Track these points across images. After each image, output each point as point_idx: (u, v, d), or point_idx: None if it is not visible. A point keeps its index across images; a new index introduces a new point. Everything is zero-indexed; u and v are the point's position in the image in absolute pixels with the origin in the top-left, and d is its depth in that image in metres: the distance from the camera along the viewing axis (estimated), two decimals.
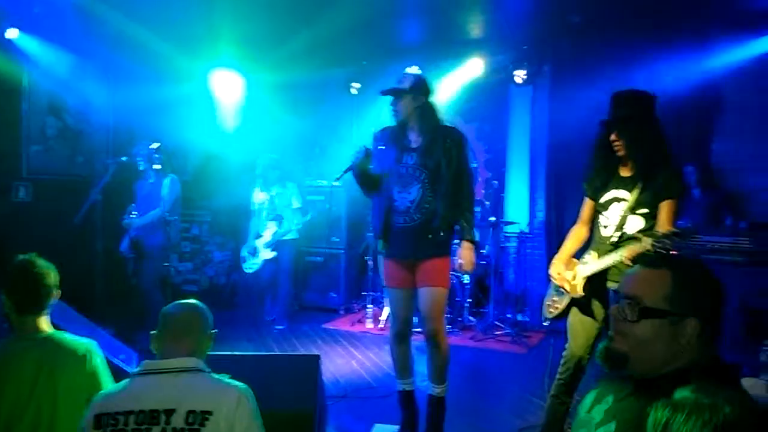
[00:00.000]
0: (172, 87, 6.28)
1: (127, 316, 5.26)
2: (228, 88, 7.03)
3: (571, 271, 2.97)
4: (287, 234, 6.01)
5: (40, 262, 2.20)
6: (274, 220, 6.01)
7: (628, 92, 2.85)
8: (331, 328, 6.20)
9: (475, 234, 3.43)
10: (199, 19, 5.43)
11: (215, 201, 7.21)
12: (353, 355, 5.22)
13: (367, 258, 6.47)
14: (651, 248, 2.49)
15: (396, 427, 3.52)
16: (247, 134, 7.04)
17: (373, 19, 5.50)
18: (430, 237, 3.23)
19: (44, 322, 2.17)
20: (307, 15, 5.33)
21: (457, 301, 5.97)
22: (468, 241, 3.30)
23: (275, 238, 5.99)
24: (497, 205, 6.81)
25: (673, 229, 2.47)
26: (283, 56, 6.31)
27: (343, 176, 3.28)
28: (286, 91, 7.03)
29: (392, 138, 3.33)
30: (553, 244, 5.98)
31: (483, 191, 7.11)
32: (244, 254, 6.19)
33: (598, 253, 2.89)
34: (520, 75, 6.39)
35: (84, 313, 3.41)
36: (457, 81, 6.68)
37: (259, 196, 6.10)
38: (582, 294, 2.90)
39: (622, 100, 2.82)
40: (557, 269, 3.02)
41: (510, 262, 6.55)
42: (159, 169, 5.22)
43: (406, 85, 3.22)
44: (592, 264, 2.87)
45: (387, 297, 3.51)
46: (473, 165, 6.97)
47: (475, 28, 6.08)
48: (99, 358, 2.16)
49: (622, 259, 2.65)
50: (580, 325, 2.97)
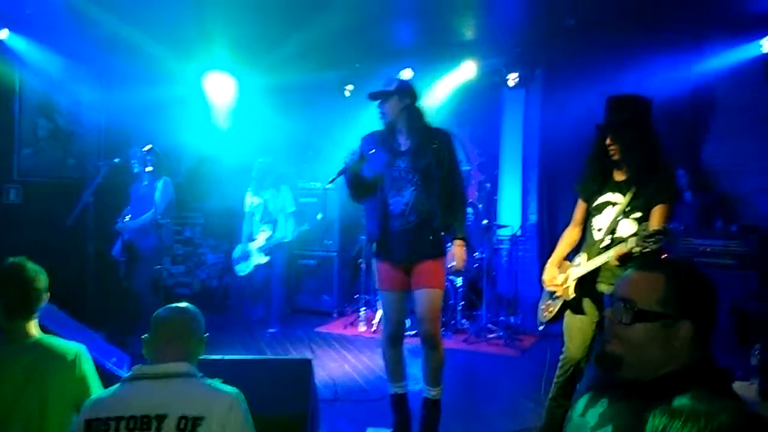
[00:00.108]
0: (165, 89, 6.26)
1: (119, 319, 5.23)
2: (221, 91, 7.01)
3: (563, 274, 3.00)
4: (282, 239, 6.01)
5: (30, 266, 2.18)
6: (268, 224, 6.00)
7: (625, 97, 2.86)
8: (324, 331, 6.18)
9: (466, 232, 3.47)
10: (191, 21, 5.41)
11: (208, 203, 7.18)
12: (346, 359, 5.21)
13: (360, 261, 6.47)
14: (636, 247, 2.51)
15: (389, 431, 3.51)
16: (240, 136, 7.02)
17: (367, 22, 5.51)
18: (431, 238, 3.26)
19: (33, 326, 2.15)
20: (300, 18, 5.32)
21: (450, 304, 5.97)
22: (459, 239, 3.32)
23: (269, 244, 5.99)
24: (490, 207, 6.83)
25: (657, 228, 2.48)
26: (276, 59, 6.30)
27: (336, 179, 3.28)
28: (280, 94, 7.02)
29: (381, 142, 3.35)
30: (545, 247, 6.01)
31: (476, 194, 7.13)
32: (236, 256, 6.17)
33: (588, 255, 2.91)
34: (512, 78, 6.41)
35: (75, 316, 3.38)
36: (450, 84, 6.70)
37: (253, 200, 6.09)
38: (573, 295, 2.93)
39: (618, 105, 2.83)
40: (550, 274, 3.04)
41: (503, 264, 6.56)
42: (152, 172, 5.20)
43: (392, 87, 3.27)
44: (582, 266, 2.90)
45: (380, 300, 3.50)
46: (466, 168, 7.13)
47: (468, 32, 6.09)
48: (88, 363, 2.15)
49: (610, 260, 2.68)
50: (577, 326, 2.98)
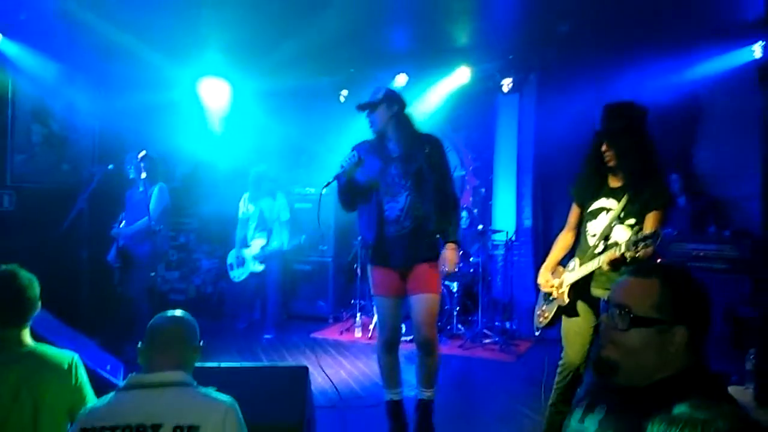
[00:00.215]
0: (160, 94, 6.25)
1: (114, 326, 5.20)
2: (216, 96, 7.01)
3: (558, 279, 3.02)
4: (278, 248, 6.02)
5: (23, 274, 2.17)
6: (263, 232, 6.01)
7: (621, 104, 2.88)
8: (320, 337, 6.17)
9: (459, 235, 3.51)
10: (186, 26, 5.41)
11: (203, 209, 7.17)
12: (342, 365, 5.19)
13: (355, 266, 6.47)
14: (627, 252, 2.53)
15: None
16: (234, 142, 7.01)
17: (361, 28, 5.52)
18: (426, 242, 3.29)
19: (26, 335, 2.14)
20: (295, 23, 5.33)
21: (446, 309, 5.97)
22: (452, 243, 3.34)
23: (264, 252, 5.99)
24: (485, 212, 6.85)
25: (646, 233, 2.50)
26: (271, 64, 6.31)
27: (331, 183, 3.30)
28: (275, 99, 7.03)
29: (372, 150, 3.38)
30: (540, 252, 6.02)
31: (471, 199, 7.14)
32: (231, 262, 6.16)
33: (581, 260, 2.93)
34: (506, 83, 6.44)
35: (69, 323, 3.37)
36: (445, 89, 6.72)
37: (249, 207, 6.09)
38: (568, 301, 2.95)
39: (614, 112, 2.85)
40: (545, 277, 3.06)
41: (498, 269, 6.57)
42: (147, 178, 5.18)
43: (379, 96, 3.32)
44: (576, 271, 2.92)
45: (375, 306, 3.51)
46: (461, 173, 7.14)
47: (463, 37, 6.10)
48: (83, 371, 2.14)
49: (602, 265, 2.70)
50: (574, 332, 2.99)
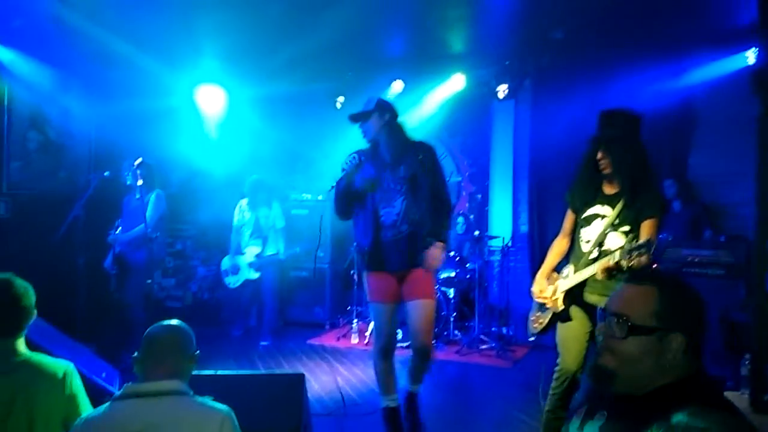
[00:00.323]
0: (156, 101, 6.26)
1: (110, 333, 5.19)
2: (212, 103, 7.01)
3: (552, 286, 3.03)
4: (274, 255, 6.04)
5: (18, 283, 2.16)
6: (258, 240, 6.03)
7: (616, 111, 2.89)
8: (317, 343, 6.16)
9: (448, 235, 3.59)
10: (183, 33, 5.42)
11: (199, 215, 7.16)
12: (338, 371, 5.19)
13: (352, 272, 6.47)
14: (622, 261, 2.55)
15: None
16: (231, 148, 7.02)
17: (358, 34, 5.54)
18: (422, 245, 3.34)
19: (21, 344, 2.13)
20: (292, 30, 5.35)
21: (443, 315, 5.97)
22: (441, 242, 3.38)
23: (260, 260, 6.00)
24: (481, 218, 6.86)
25: (640, 242, 2.51)
26: (268, 71, 6.32)
27: (334, 187, 3.38)
28: (271, 105, 7.04)
29: (367, 158, 3.43)
30: (536, 257, 6.03)
31: (467, 205, 7.15)
32: (225, 268, 6.17)
33: (575, 267, 2.95)
34: (502, 90, 6.46)
35: (65, 330, 3.35)
36: (441, 95, 6.75)
37: (246, 214, 6.10)
38: (562, 308, 2.97)
39: (609, 119, 2.87)
40: (539, 286, 3.08)
41: (494, 275, 6.58)
42: (144, 185, 5.18)
43: (371, 106, 3.39)
44: (570, 278, 2.94)
45: (371, 312, 3.54)
46: (457, 179, 7.15)
47: (458, 43, 6.13)
48: (78, 381, 2.13)
49: (597, 272, 2.72)
50: (570, 338, 3.00)
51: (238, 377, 2.99)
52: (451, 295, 6.01)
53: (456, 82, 6.58)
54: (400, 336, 5.34)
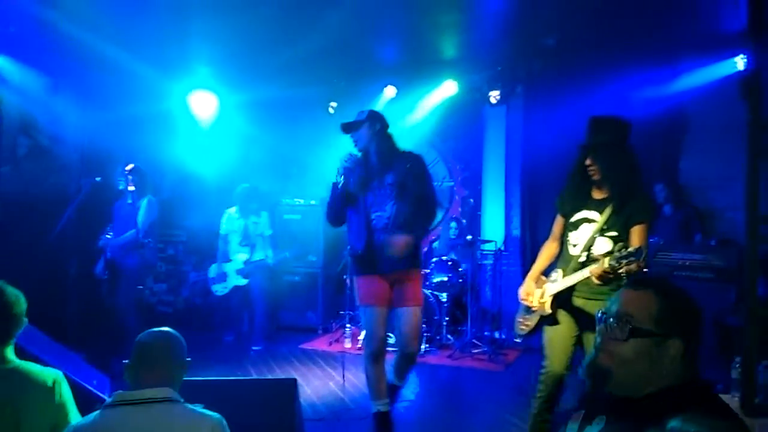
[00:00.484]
0: (148, 106, 6.22)
1: (101, 340, 5.15)
2: (204, 108, 7.00)
3: (540, 289, 3.07)
4: (262, 260, 6.04)
5: (9, 290, 2.14)
6: (246, 247, 6.02)
7: (605, 118, 2.93)
8: (309, 348, 6.14)
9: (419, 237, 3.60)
10: (175, 39, 5.41)
11: (191, 221, 7.13)
12: (331, 376, 5.17)
13: (345, 276, 6.46)
14: (609, 267, 2.58)
15: None
16: (224, 154, 7.00)
17: (350, 40, 5.54)
18: (413, 247, 3.43)
19: (10, 352, 2.11)
20: (284, 35, 5.35)
21: (436, 319, 5.97)
22: (410, 235, 3.41)
23: (247, 267, 6.00)
24: (474, 222, 6.88)
25: (630, 249, 2.54)
26: (260, 76, 6.32)
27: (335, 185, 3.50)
28: (263, 111, 7.02)
29: (359, 165, 3.54)
30: (528, 261, 6.04)
31: (460, 209, 7.17)
32: (213, 276, 6.16)
33: (564, 271, 2.98)
34: (494, 95, 6.48)
35: (56, 337, 3.33)
36: (433, 100, 6.77)
37: (234, 223, 6.10)
38: (550, 311, 3.01)
39: (598, 126, 2.90)
40: (527, 289, 3.12)
41: (487, 279, 6.59)
42: (137, 190, 5.16)
43: (363, 116, 3.52)
44: (558, 282, 2.97)
45: (362, 316, 3.58)
46: (450, 183, 7.17)
47: (450, 49, 6.15)
48: (67, 389, 2.11)
49: (590, 279, 2.76)
50: (557, 341, 3.03)
51: (230, 383, 2.98)
52: (444, 300, 6.01)
53: (448, 87, 6.60)
54: (392, 340, 5.32)
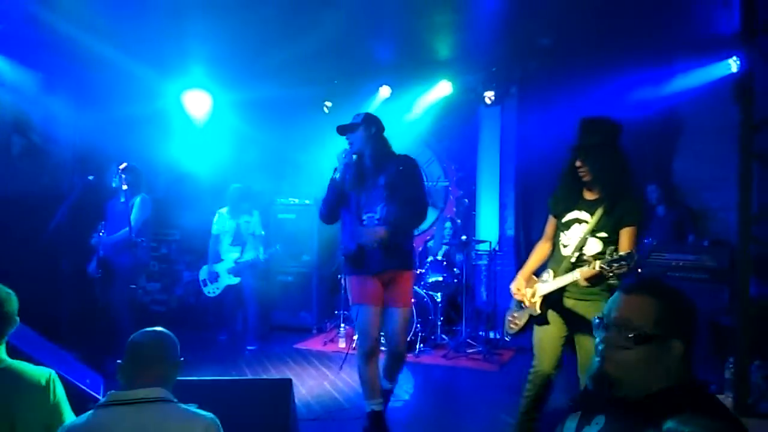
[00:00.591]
0: (143, 105, 6.20)
1: (94, 339, 5.13)
2: (199, 107, 6.98)
3: (530, 289, 3.09)
4: (253, 259, 6.02)
5: (0, 289, 2.13)
6: (238, 247, 6.01)
7: (596, 120, 2.94)
8: (304, 348, 6.14)
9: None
10: (169, 38, 5.39)
11: (185, 220, 7.11)
12: (325, 376, 5.17)
13: (340, 276, 6.45)
14: (599, 270, 2.61)
15: None
16: (218, 153, 6.98)
17: (345, 39, 5.54)
18: (402, 248, 3.52)
19: (2, 351, 2.10)
20: (279, 35, 5.34)
21: (430, 319, 5.98)
22: (385, 227, 3.44)
23: (238, 266, 5.98)
24: (468, 222, 6.89)
25: (621, 254, 2.56)
26: (255, 75, 6.30)
27: (338, 171, 3.55)
28: (258, 110, 7.01)
29: (353, 166, 3.58)
30: (522, 261, 5.99)
31: (454, 209, 7.18)
32: (203, 277, 6.14)
33: (554, 272, 3.00)
34: (489, 95, 6.49)
35: (49, 336, 3.31)
36: (428, 100, 6.77)
37: (225, 223, 6.08)
38: (539, 312, 3.03)
39: (588, 128, 2.92)
40: (518, 285, 3.15)
41: (481, 279, 6.60)
42: (130, 189, 5.13)
43: (359, 119, 3.57)
44: (549, 283, 3.00)
45: (356, 315, 3.60)
46: (445, 183, 7.18)
47: (445, 49, 6.15)
48: (60, 388, 2.10)
49: (578, 280, 2.78)
50: (546, 341, 3.07)
51: (225, 383, 2.97)
52: (439, 299, 6.02)
53: (443, 88, 6.61)
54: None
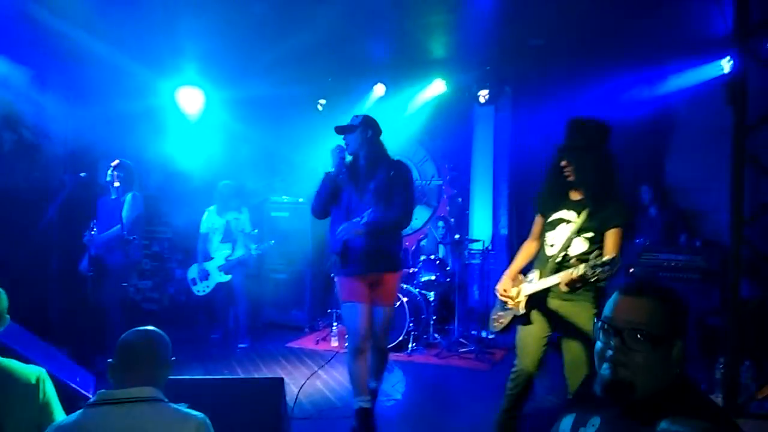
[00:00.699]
0: (135, 102, 6.16)
1: (85, 337, 5.09)
2: (192, 105, 6.94)
3: (516, 288, 3.10)
4: (243, 256, 6.00)
5: None
6: (228, 244, 6.00)
7: (583, 121, 2.95)
8: (296, 346, 6.13)
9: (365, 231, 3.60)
10: (163, 35, 5.36)
11: (177, 217, 7.07)
12: (317, 375, 5.15)
13: (332, 275, 6.43)
14: (584, 273, 2.62)
15: None
16: (211, 150, 6.95)
17: (340, 38, 5.54)
18: (390, 250, 3.61)
19: None
20: (273, 33, 5.33)
21: (423, 318, 5.98)
22: (362, 227, 3.48)
23: (229, 263, 5.96)
24: (462, 221, 6.89)
25: (605, 259, 2.57)
26: (249, 73, 6.28)
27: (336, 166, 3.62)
28: (252, 108, 6.99)
29: (347, 167, 3.65)
30: None
31: (447, 208, 7.19)
32: (193, 276, 6.12)
33: (540, 272, 3.01)
34: (482, 95, 6.50)
35: (39, 334, 3.30)
36: (422, 99, 6.78)
37: (215, 221, 6.06)
38: (524, 311, 3.05)
39: (575, 128, 2.93)
40: (504, 285, 3.15)
41: (474, 278, 6.61)
42: (122, 186, 5.10)
43: (357, 121, 3.61)
44: (534, 284, 3.01)
45: (345, 313, 3.65)
46: (438, 182, 7.19)
47: (440, 48, 6.16)
48: (51, 387, 2.09)
49: (560, 283, 2.78)
50: (530, 340, 3.09)
51: (216, 382, 2.96)
52: (431, 298, 6.02)
53: (437, 87, 6.61)
54: None
